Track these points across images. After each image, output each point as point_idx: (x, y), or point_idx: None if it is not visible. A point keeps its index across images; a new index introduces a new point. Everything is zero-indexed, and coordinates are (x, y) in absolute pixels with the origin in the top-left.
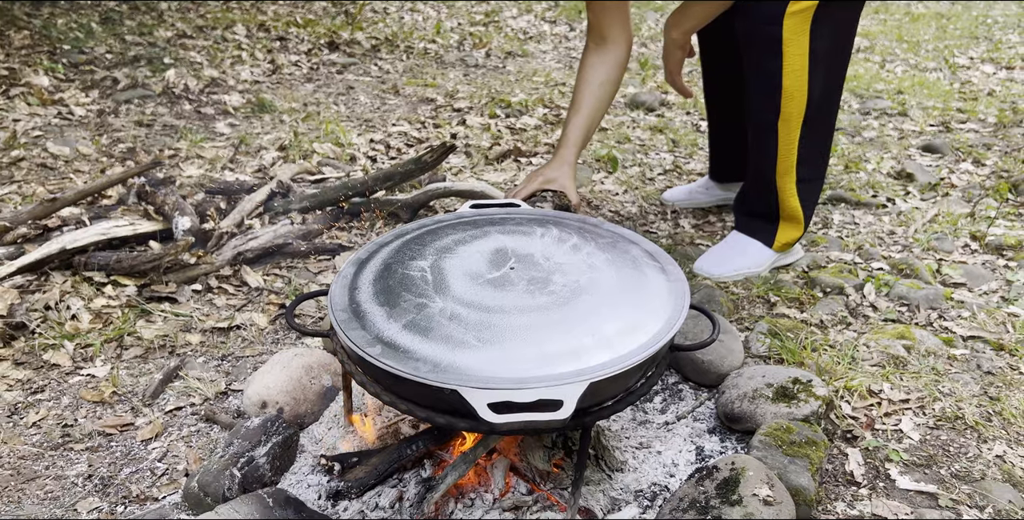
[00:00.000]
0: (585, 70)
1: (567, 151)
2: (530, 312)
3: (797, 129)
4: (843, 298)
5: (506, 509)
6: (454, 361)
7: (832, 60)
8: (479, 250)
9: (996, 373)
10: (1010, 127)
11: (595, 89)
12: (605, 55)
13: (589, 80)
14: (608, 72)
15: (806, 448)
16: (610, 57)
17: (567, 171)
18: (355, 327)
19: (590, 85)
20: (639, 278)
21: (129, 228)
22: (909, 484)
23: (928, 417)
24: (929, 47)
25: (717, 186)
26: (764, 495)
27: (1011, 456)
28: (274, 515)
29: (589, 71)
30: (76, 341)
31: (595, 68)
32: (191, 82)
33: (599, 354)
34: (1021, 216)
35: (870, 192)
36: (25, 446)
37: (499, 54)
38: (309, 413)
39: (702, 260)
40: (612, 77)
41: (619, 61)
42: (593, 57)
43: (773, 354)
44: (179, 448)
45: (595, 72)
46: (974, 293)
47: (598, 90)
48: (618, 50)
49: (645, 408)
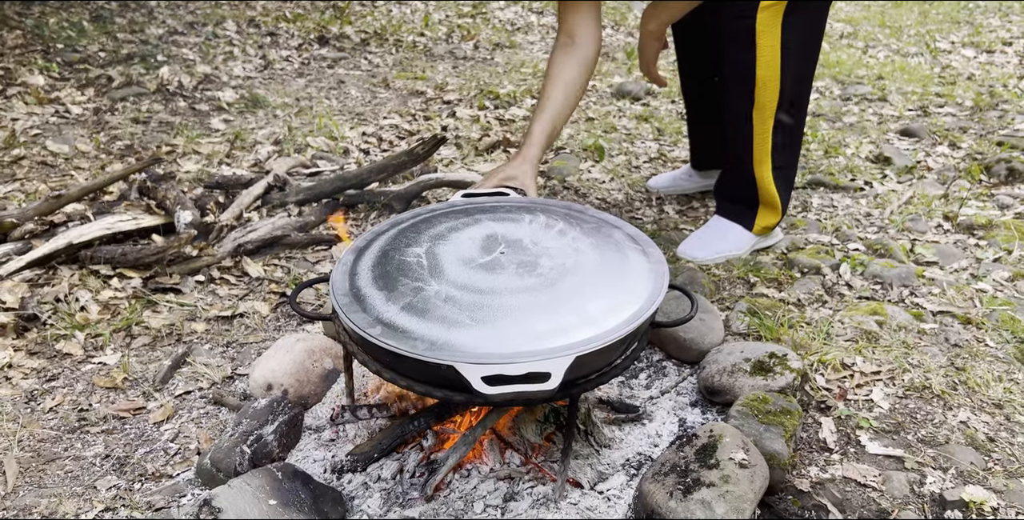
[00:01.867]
0: (553, 69)
1: (530, 150)
2: (520, 293)
3: (771, 118)
4: (820, 278)
5: (500, 479)
6: (449, 339)
7: (803, 52)
8: (471, 237)
9: (963, 345)
10: (986, 110)
11: (562, 88)
12: (573, 55)
13: (556, 79)
14: (576, 71)
15: (781, 417)
16: (578, 56)
17: (528, 169)
18: (356, 310)
19: (557, 84)
20: (622, 260)
21: (132, 223)
22: (878, 449)
23: (897, 387)
24: (911, 32)
25: (698, 174)
26: (740, 459)
27: (974, 422)
28: (283, 487)
29: (556, 70)
30: (86, 331)
31: (563, 67)
32: (184, 79)
33: (584, 330)
34: (993, 197)
35: (848, 176)
36: (44, 430)
37: (487, 46)
38: (312, 394)
39: (685, 244)
40: (579, 76)
41: (587, 61)
42: (561, 56)
43: (752, 332)
44: (190, 429)
45: (562, 71)
46: (945, 271)
47: (565, 89)
48: (586, 50)
49: (631, 384)
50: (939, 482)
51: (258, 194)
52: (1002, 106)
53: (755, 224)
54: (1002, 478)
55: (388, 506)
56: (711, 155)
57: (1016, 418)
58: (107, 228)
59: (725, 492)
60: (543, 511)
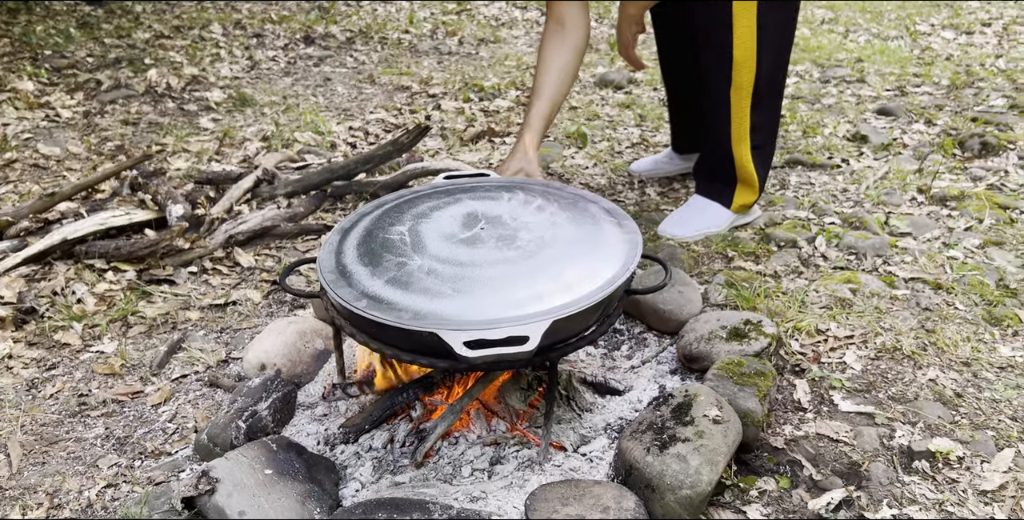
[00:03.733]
0: (544, 55)
1: (529, 138)
2: (499, 264)
3: (748, 98)
4: (796, 250)
5: (487, 445)
6: (433, 309)
7: (779, 33)
8: (452, 215)
9: (933, 309)
10: (962, 88)
11: (556, 74)
12: (564, 40)
13: (549, 65)
14: (568, 56)
15: (755, 378)
16: (569, 42)
17: (532, 158)
18: (343, 285)
19: (550, 71)
20: (597, 232)
21: (125, 217)
22: (850, 407)
23: (870, 350)
24: (892, 17)
25: (679, 157)
26: (713, 415)
27: (943, 379)
28: (278, 457)
29: (548, 56)
30: (83, 322)
31: (554, 53)
32: (172, 80)
33: (561, 296)
34: (966, 170)
35: (826, 154)
36: (45, 415)
37: (472, 41)
38: (305, 373)
39: (665, 223)
40: (572, 61)
41: (578, 46)
42: (553, 42)
43: (730, 303)
44: (187, 410)
45: (555, 57)
46: (918, 241)
47: (559, 74)
48: (577, 35)
49: (613, 356)
50: (908, 435)
51: (247, 187)
52: (978, 84)
53: (733, 202)
54: (968, 430)
55: (379, 473)
56: (691, 138)
57: (983, 374)
58: (100, 224)
59: (700, 446)
60: (528, 473)
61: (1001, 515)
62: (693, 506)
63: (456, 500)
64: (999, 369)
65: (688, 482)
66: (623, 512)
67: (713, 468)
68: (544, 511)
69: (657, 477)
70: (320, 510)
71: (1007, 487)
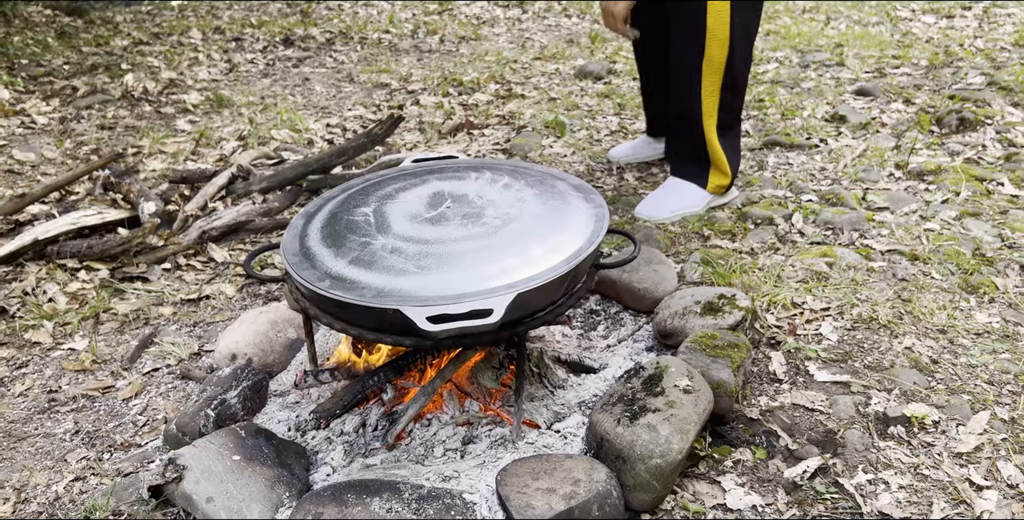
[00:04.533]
0: None
1: None
2: (464, 241)
3: (720, 71)
4: (773, 227)
5: (459, 425)
6: (396, 286)
7: (749, 10)
8: (418, 195)
9: (909, 279)
10: (941, 68)
11: None
12: None
13: None
14: None
15: (728, 350)
16: None
17: None
18: (306, 267)
19: None
20: (564, 207)
21: (98, 217)
22: (826, 377)
23: (846, 321)
24: (872, 3)
25: (656, 140)
26: (684, 385)
27: (919, 347)
28: (247, 443)
29: None
30: (55, 320)
31: None
32: (150, 85)
33: (526, 270)
34: (943, 145)
35: (804, 135)
36: (14, 411)
37: (453, 39)
38: (277, 363)
39: (642, 205)
40: None
41: None
42: None
43: (706, 280)
44: (158, 402)
45: None
46: (896, 215)
47: None
48: None
49: (590, 336)
50: (883, 402)
51: (222, 184)
52: (957, 63)
53: (709, 182)
54: (944, 395)
55: (351, 457)
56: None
57: (959, 341)
58: (72, 223)
59: (670, 415)
60: (501, 451)
61: (977, 476)
62: (664, 475)
63: (428, 480)
64: (975, 335)
65: (658, 451)
66: (594, 484)
67: (684, 437)
68: (515, 486)
69: (628, 448)
70: (289, 494)
71: (983, 448)
